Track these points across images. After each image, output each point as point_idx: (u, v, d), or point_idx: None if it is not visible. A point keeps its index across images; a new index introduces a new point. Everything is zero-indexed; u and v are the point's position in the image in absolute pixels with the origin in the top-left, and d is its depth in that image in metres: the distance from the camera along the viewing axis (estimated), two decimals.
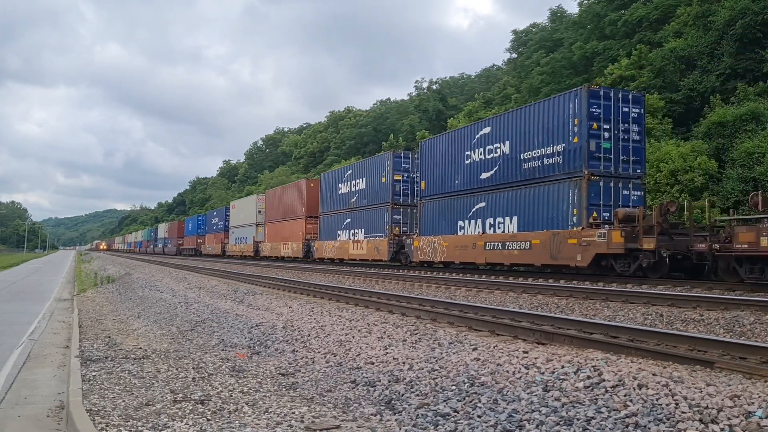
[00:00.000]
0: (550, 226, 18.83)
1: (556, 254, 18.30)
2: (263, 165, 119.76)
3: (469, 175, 22.95)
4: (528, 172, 20.09)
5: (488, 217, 21.79)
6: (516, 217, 20.46)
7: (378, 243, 29.20)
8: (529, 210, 19.93)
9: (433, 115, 70.37)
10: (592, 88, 18.22)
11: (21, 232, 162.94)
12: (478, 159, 22.39)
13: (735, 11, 30.02)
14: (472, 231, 22.46)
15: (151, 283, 23.69)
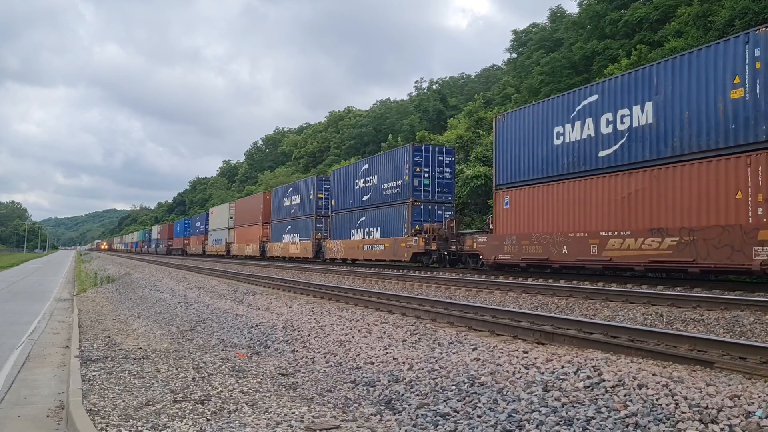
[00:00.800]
0: (394, 234, 28.52)
1: (396, 253, 27.94)
2: (263, 165, 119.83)
3: (357, 197, 32.76)
4: (386, 197, 29.84)
5: (366, 227, 31.46)
6: (379, 227, 30.12)
7: (306, 244, 38.26)
8: (386, 223, 29.59)
9: (434, 115, 70.40)
10: (416, 145, 28.65)
11: (21, 232, 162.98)
12: (362, 186, 32.43)
13: (735, 11, 30.03)
14: (359, 237, 32.03)
15: (151, 283, 23.69)
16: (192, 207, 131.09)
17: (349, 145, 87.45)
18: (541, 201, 19.49)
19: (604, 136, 17.30)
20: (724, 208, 13.78)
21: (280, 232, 42.67)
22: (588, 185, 17.62)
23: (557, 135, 19.06)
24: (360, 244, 31.53)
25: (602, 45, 41.80)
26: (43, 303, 18.14)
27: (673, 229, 14.89)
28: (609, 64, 37.88)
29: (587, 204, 17.57)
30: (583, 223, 17.63)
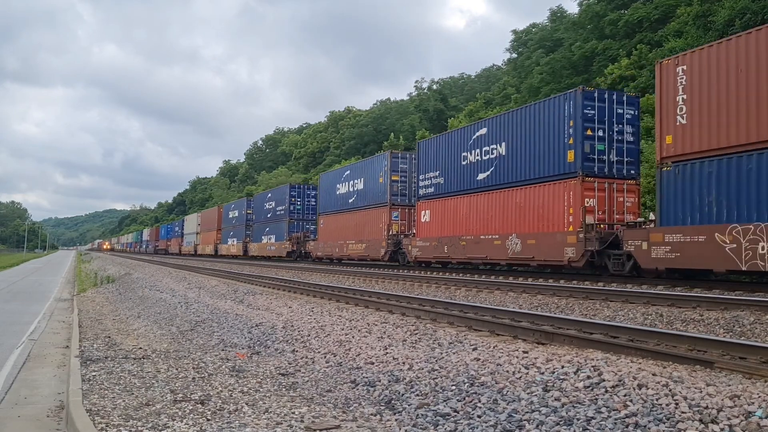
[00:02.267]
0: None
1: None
2: (263, 165, 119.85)
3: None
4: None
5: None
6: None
7: (238, 246, 51.32)
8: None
9: (434, 115, 70.39)
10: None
11: (21, 232, 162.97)
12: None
13: (735, 11, 30.03)
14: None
15: (151, 283, 23.69)
16: (192, 207, 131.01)
17: (349, 146, 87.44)
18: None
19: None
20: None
21: (227, 237, 57.49)
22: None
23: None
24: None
25: (602, 45, 41.79)
26: (43, 303, 18.14)
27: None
28: (609, 64, 37.89)
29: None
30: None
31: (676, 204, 14.99)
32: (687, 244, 14.27)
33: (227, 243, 55.83)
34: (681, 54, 15.77)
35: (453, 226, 23.72)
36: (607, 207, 18.27)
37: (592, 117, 18.34)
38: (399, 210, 29.35)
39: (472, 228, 22.52)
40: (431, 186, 25.81)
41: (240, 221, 52.99)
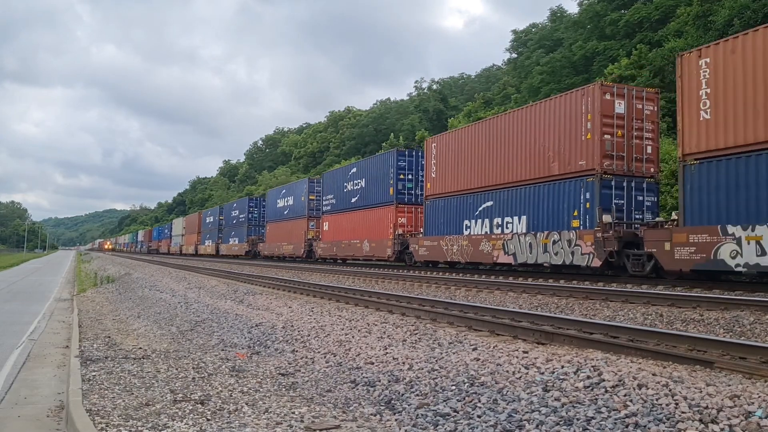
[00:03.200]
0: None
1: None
2: (263, 165, 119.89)
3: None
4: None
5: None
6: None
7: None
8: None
9: (434, 115, 70.39)
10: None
11: (21, 232, 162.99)
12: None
13: (734, 10, 30.03)
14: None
15: (150, 283, 23.69)
16: (192, 207, 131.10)
17: (349, 146, 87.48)
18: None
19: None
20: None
21: (205, 239, 66.98)
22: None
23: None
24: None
25: (602, 45, 41.81)
26: (43, 303, 18.14)
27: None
28: (609, 64, 37.89)
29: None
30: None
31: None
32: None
33: (204, 244, 66.10)
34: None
35: (340, 234, 34.10)
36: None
37: (403, 167, 28.76)
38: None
39: (348, 235, 32.96)
40: (329, 205, 36.32)
41: (214, 226, 62.97)
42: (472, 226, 22.75)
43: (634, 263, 16.30)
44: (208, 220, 66.83)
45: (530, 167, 20.03)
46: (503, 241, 20.77)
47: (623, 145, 17.72)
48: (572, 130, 18.46)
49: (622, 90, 18.26)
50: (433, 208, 25.54)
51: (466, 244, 22.72)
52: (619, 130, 17.73)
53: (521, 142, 20.56)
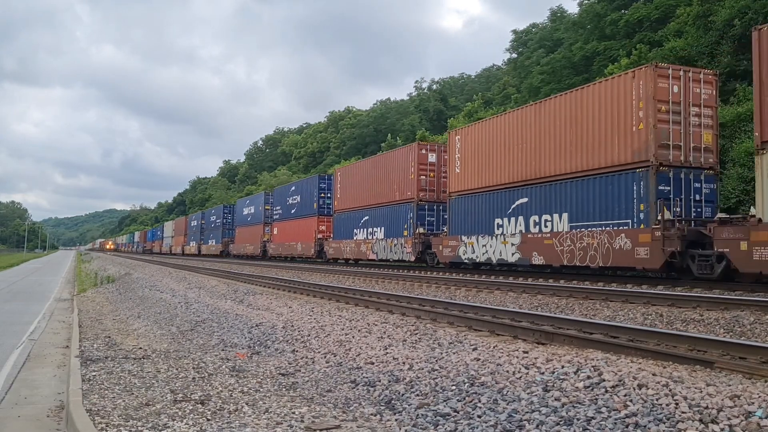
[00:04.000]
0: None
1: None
2: (263, 165, 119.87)
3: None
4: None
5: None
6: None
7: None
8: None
9: (434, 115, 70.41)
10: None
11: (21, 232, 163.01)
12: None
13: (734, 10, 30.01)
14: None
15: (151, 283, 23.68)
16: (192, 207, 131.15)
17: (349, 146, 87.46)
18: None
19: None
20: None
21: (190, 240, 74.37)
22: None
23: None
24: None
25: (602, 45, 41.79)
26: (43, 303, 18.13)
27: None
28: (609, 64, 37.87)
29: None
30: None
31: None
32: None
33: (189, 245, 73.82)
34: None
35: (283, 237, 43.54)
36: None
37: (324, 188, 38.12)
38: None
39: (288, 238, 42.34)
40: (277, 214, 45.93)
41: (197, 229, 71.07)
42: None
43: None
44: (192, 224, 75.23)
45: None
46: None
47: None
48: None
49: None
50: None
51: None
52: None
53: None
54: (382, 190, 29.68)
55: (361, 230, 31.59)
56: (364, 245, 31.04)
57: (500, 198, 21.75)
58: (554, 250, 18.82)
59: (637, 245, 16.11)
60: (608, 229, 17.10)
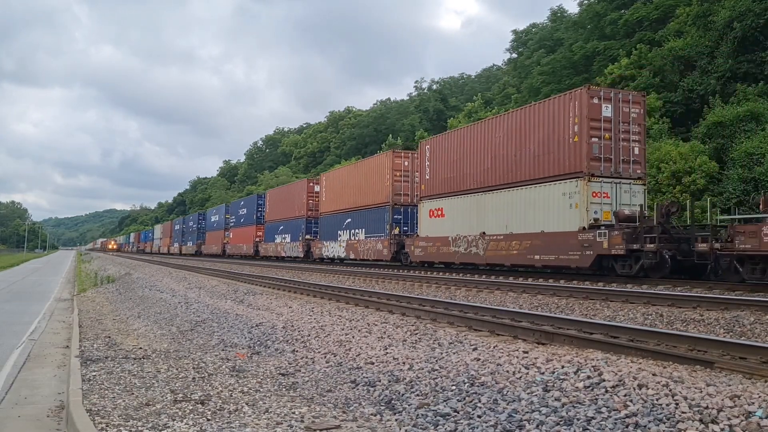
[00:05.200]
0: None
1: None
2: (263, 165, 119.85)
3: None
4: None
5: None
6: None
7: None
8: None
9: (434, 115, 70.36)
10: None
11: (21, 232, 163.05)
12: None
13: (735, 12, 30.00)
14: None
15: (151, 283, 23.68)
16: (192, 207, 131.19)
17: (350, 146, 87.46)
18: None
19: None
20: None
21: (176, 241, 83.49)
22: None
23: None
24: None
25: (602, 45, 41.79)
26: (43, 303, 18.13)
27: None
28: (609, 64, 37.89)
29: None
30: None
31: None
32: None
33: (174, 246, 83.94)
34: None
35: (236, 240, 54.99)
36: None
37: (261, 204, 48.74)
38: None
39: (239, 241, 53.64)
40: (232, 222, 57.08)
41: (179, 232, 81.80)
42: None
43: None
44: (176, 227, 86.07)
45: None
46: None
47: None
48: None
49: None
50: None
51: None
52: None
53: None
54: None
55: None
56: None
57: (339, 218, 34.74)
58: (357, 249, 32.02)
59: (384, 247, 29.37)
60: (373, 238, 30.43)
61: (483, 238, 21.70)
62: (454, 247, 23.44)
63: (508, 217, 20.78)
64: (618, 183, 18.21)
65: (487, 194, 21.96)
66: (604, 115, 18.05)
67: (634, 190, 18.52)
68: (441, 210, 25.02)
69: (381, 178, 29.88)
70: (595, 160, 17.88)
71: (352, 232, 32.96)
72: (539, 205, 19.41)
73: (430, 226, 25.63)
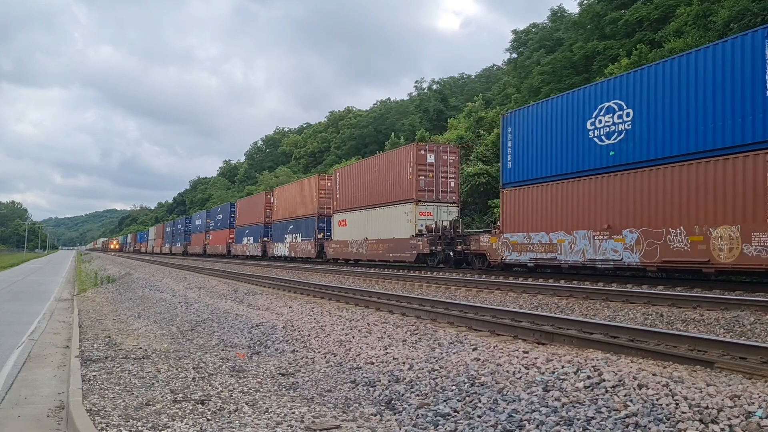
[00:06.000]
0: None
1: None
2: (263, 165, 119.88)
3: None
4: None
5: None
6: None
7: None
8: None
9: (434, 115, 70.39)
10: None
11: (21, 232, 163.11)
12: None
13: (734, 11, 29.99)
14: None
15: (151, 283, 23.68)
16: (192, 207, 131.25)
17: (350, 145, 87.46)
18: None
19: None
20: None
21: (166, 241, 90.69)
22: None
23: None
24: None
25: (603, 45, 41.79)
26: (43, 303, 18.13)
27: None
28: (609, 64, 37.88)
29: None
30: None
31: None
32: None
33: (165, 246, 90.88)
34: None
35: (215, 242, 62.99)
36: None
37: (233, 211, 59.66)
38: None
39: (216, 242, 61.84)
40: (211, 226, 64.87)
41: (169, 234, 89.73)
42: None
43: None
44: (167, 229, 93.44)
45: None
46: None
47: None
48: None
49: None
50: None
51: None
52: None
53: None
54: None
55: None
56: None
57: (285, 224, 43.52)
58: (296, 249, 40.93)
59: (312, 248, 38.46)
60: (305, 241, 39.66)
61: (366, 241, 31.07)
62: (350, 248, 32.97)
63: (379, 227, 29.86)
64: (439, 206, 27.68)
65: (370, 210, 30.99)
66: (429, 162, 27.66)
67: (450, 210, 27.89)
68: (345, 221, 34.15)
69: (311, 195, 39.03)
70: (422, 191, 27.43)
71: (293, 236, 41.78)
72: (392, 219, 28.64)
73: (338, 233, 35.06)
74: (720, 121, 14.08)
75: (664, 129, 15.43)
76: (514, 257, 20.58)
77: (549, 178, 19.12)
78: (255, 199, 53.67)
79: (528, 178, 20.19)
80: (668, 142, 15.29)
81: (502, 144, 21.87)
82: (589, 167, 17.65)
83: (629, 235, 16.07)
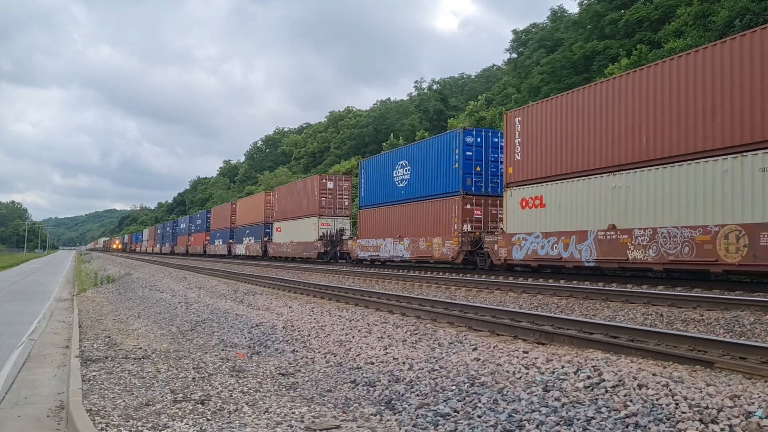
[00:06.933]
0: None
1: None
2: (263, 165, 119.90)
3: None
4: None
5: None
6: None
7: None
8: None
9: (434, 115, 70.39)
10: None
11: (21, 232, 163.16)
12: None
13: (734, 11, 30.00)
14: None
15: (151, 283, 23.68)
16: (192, 207, 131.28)
17: (349, 145, 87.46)
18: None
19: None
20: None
21: (159, 241, 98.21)
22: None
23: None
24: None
25: (602, 45, 41.79)
26: (43, 303, 18.14)
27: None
28: (609, 64, 37.90)
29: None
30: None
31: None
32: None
33: (156, 246, 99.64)
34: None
35: (195, 243, 72.58)
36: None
37: (235, 209, 60.73)
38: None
39: (196, 243, 72.57)
40: (193, 229, 75.71)
41: (161, 235, 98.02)
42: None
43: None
44: (158, 231, 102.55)
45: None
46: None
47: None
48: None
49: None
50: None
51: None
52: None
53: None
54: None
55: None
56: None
57: (244, 229, 54.29)
58: (249, 249, 51.54)
59: (259, 248, 49.17)
60: (255, 242, 50.91)
61: (291, 243, 42.62)
62: (283, 248, 44.56)
63: (299, 233, 41.42)
64: (336, 218, 38.95)
65: (294, 220, 42.50)
66: (329, 187, 39.22)
67: (344, 221, 39.02)
68: (280, 227, 45.44)
69: (260, 207, 50.32)
70: (323, 208, 38.81)
71: (249, 238, 52.42)
72: (305, 228, 39.92)
73: (276, 236, 46.16)
74: (442, 179, 25.66)
75: (424, 179, 27.15)
76: (364, 254, 32.15)
77: (379, 205, 31.21)
78: (224, 208, 64.61)
79: (372, 203, 32.15)
80: (424, 187, 27.11)
81: (360, 181, 34.48)
82: (394, 199, 29.72)
83: (407, 240, 27.74)
